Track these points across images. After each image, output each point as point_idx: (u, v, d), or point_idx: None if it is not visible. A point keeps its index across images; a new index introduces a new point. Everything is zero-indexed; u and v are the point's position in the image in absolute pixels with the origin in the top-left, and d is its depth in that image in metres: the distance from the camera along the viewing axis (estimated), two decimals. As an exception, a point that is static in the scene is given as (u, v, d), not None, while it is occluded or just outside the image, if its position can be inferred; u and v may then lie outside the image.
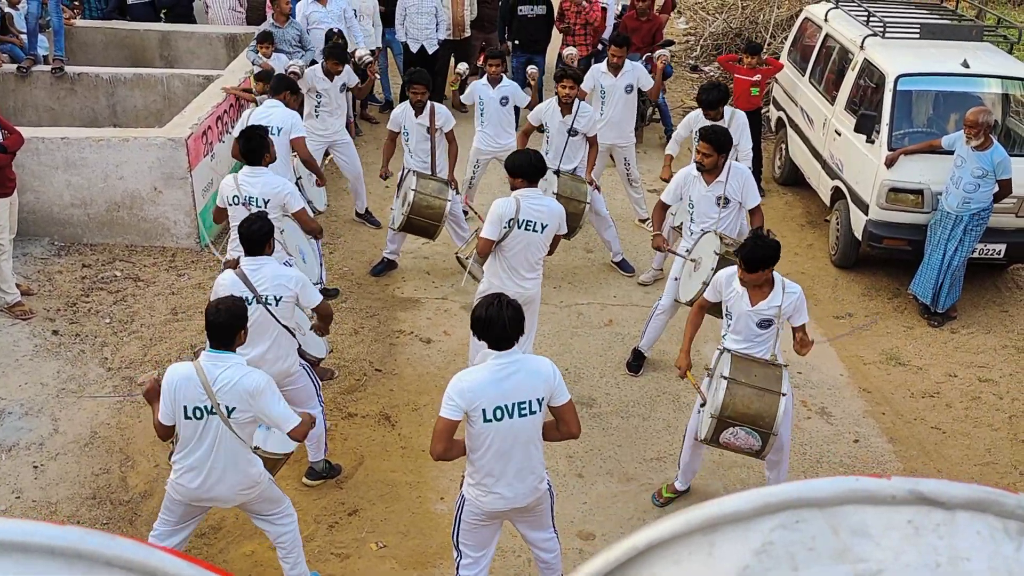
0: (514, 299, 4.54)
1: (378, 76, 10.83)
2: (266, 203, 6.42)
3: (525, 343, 5.72)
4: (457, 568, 4.80)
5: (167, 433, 4.73)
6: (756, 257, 5.29)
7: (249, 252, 5.50)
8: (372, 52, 10.43)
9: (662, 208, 7.12)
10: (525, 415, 4.39)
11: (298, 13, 10.39)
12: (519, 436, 4.42)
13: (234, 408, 4.54)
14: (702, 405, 5.57)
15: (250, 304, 5.38)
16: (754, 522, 0.74)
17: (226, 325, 4.59)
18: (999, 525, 0.74)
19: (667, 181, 7.34)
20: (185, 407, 4.56)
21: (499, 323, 4.33)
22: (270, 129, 7.34)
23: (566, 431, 4.60)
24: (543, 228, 6.19)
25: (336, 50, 9.06)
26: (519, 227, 6.14)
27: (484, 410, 4.33)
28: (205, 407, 4.55)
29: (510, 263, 6.24)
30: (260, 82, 9.35)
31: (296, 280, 5.49)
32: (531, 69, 9.67)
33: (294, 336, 5.59)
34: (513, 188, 6.30)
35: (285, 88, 7.87)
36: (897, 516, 0.73)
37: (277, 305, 5.44)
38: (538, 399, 4.41)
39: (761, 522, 0.73)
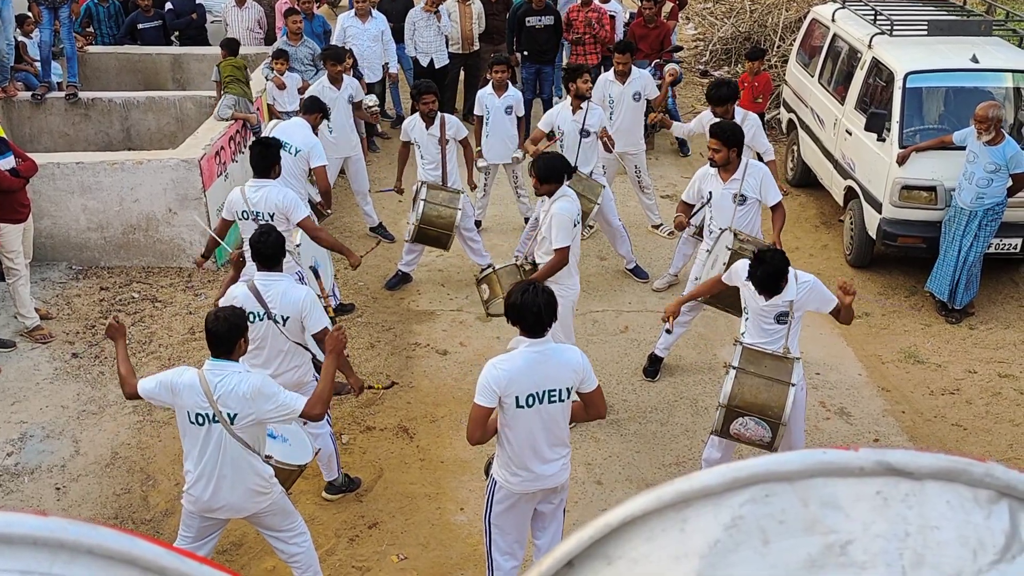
0: (547, 286, 4.68)
1: (379, 120, 11.25)
2: (271, 216, 6.45)
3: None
4: (489, 552, 4.94)
5: (132, 391, 4.74)
6: (771, 281, 5.35)
7: (262, 267, 5.52)
8: (381, 106, 11.10)
9: (684, 206, 7.15)
10: (555, 402, 4.56)
11: (337, 26, 10.87)
12: (548, 421, 4.59)
13: (236, 414, 4.57)
14: (667, 331, 6.12)
15: (261, 320, 5.41)
16: (724, 497, 0.74)
17: (226, 334, 4.63)
18: (969, 494, 0.74)
19: (681, 228, 7.38)
20: (188, 412, 4.62)
21: (533, 309, 4.46)
22: (288, 147, 7.38)
23: (594, 413, 4.87)
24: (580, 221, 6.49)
25: (329, 50, 9.20)
26: (580, 223, 6.39)
27: (517, 397, 4.49)
28: (207, 414, 4.59)
29: (576, 260, 6.42)
30: None
31: (305, 301, 5.44)
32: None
33: (308, 349, 5.61)
34: (548, 193, 6.39)
35: (318, 111, 7.90)
36: (866, 487, 0.74)
37: (284, 325, 5.45)
38: (568, 388, 4.57)
39: (731, 497, 0.74)
